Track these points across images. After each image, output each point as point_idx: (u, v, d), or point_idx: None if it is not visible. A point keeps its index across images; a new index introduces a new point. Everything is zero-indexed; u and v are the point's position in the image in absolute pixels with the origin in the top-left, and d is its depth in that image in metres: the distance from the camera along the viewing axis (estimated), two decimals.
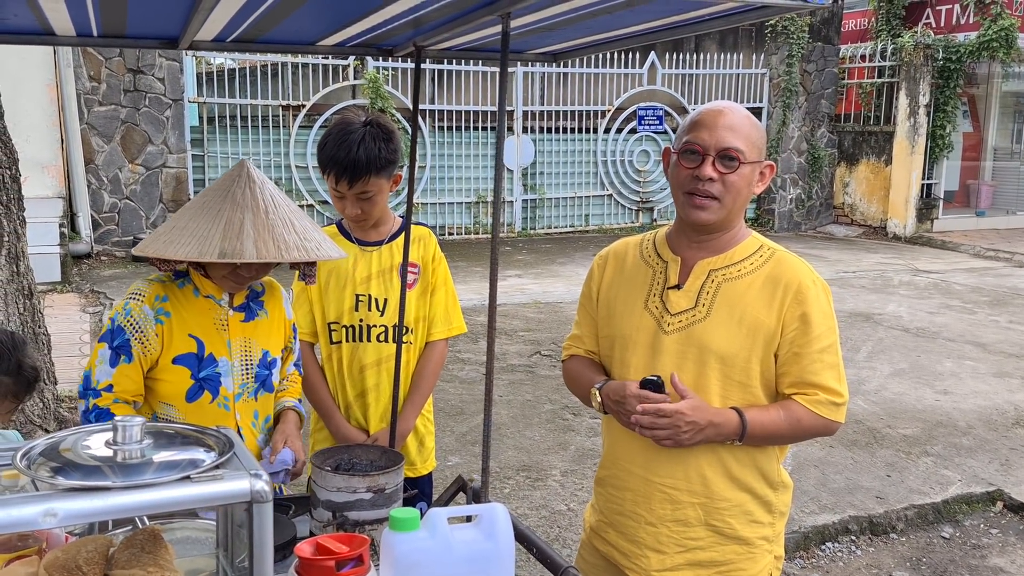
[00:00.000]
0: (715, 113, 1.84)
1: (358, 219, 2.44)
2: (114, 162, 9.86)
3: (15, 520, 1.09)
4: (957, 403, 5.77)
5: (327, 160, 2.35)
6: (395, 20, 1.85)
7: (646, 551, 1.91)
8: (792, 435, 1.85)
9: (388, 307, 2.47)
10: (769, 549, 1.92)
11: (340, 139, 2.32)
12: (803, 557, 3.88)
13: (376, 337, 2.48)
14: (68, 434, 1.30)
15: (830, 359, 1.83)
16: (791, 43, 13.20)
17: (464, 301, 8.12)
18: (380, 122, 2.38)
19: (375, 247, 2.50)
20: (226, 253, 1.82)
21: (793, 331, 1.81)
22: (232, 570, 1.36)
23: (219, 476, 1.19)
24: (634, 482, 1.91)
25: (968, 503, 4.35)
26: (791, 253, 1.92)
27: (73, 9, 1.71)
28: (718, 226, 1.87)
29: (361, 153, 2.30)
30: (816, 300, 1.83)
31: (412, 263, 2.49)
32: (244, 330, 2.12)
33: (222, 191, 1.95)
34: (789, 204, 13.83)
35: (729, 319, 1.83)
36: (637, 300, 1.93)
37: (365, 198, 2.38)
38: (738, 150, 1.80)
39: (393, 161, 2.38)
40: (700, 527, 1.87)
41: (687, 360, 1.84)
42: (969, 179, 14.77)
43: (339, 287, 2.48)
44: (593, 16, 1.69)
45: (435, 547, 1.45)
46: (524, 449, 4.81)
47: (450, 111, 11.81)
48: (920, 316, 8.23)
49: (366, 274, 2.48)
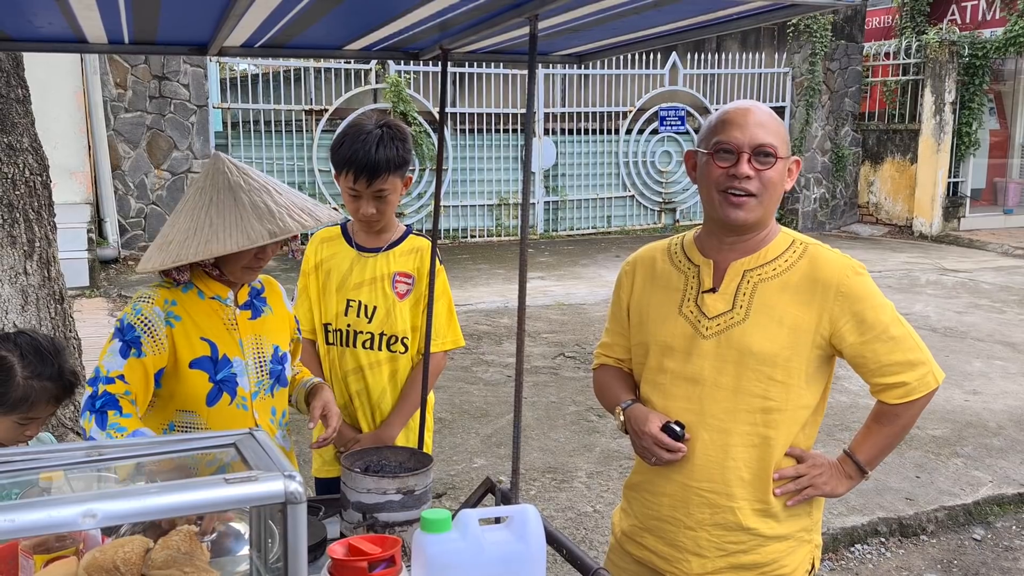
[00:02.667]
0: (743, 111, 1.83)
1: (372, 220, 2.46)
2: (140, 168, 9.97)
3: (55, 521, 1.10)
4: (987, 403, 5.70)
5: (345, 160, 2.39)
6: (422, 24, 1.85)
7: (687, 555, 1.90)
8: (903, 433, 1.91)
9: (376, 315, 2.51)
10: (808, 539, 1.93)
11: (356, 139, 2.38)
12: (832, 559, 3.85)
13: (362, 344, 2.53)
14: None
15: (896, 332, 1.82)
16: (814, 41, 13.10)
17: (487, 303, 8.19)
18: (394, 124, 2.44)
19: (373, 254, 2.54)
20: (275, 232, 1.90)
21: (849, 331, 1.81)
22: (266, 570, 1.37)
23: (254, 477, 1.20)
24: (671, 487, 1.91)
25: (999, 504, 4.30)
26: (823, 246, 1.90)
27: (106, 17, 1.73)
28: (754, 225, 1.86)
29: (381, 153, 2.36)
30: (859, 290, 1.82)
31: (406, 273, 2.53)
32: (253, 328, 2.13)
33: (216, 185, 1.96)
34: (813, 204, 13.72)
35: (769, 320, 1.82)
36: (671, 306, 1.92)
37: (381, 197, 2.42)
38: (773, 146, 1.80)
39: (408, 161, 2.45)
40: (740, 531, 1.87)
41: (727, 363, 1.84)
42: (996, 177, 14.58)
43: (333, 289, 2.54)
44: (621, 16, 1.69)
45: (467, 548, 1.45)
46: (549, 451, 4.80)
47: (472, 114, 11.82)
48: (948, 316, 8.14)
49: (359, 280, 2.52)
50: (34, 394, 1.93)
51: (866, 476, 1.91)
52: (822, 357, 1.86)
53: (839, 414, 5.41)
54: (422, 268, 2.53)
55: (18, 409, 1.93)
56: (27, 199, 3.86)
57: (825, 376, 1.90)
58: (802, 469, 1.87)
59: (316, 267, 2.58)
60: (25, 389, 1.92)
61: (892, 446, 1.92)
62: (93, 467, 1.34)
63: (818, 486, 1.87)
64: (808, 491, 1.87)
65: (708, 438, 1.85)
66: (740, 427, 1.84)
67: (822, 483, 1.87)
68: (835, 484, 1.88)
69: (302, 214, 1.98)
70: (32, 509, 1.09)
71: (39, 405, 1.95)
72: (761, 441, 1.84)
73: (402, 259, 2.54)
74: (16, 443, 1.96)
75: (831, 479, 1.88)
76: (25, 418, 1.95)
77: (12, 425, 1.95)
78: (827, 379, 1.91)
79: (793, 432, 1.87)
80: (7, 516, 1.06)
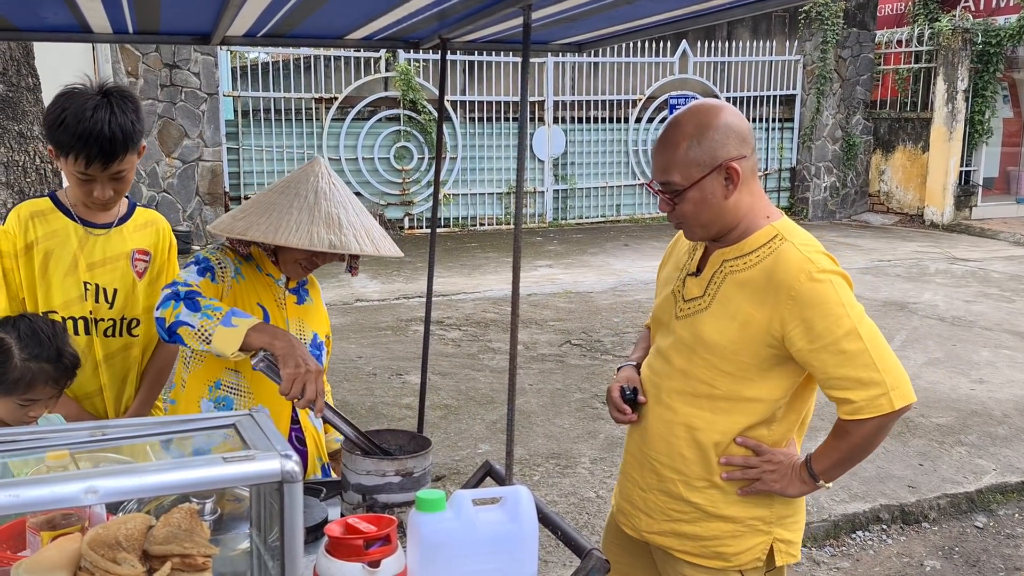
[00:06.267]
0: (658, 142, 1.85)
1: (108, 203, 2.19)
2: (151, 156, 10.03)
3: (58, 497, 1.14)
4: (993, 392, 5.70)
5: (71, 140, 2.02)
6: (420, 13, 1.88)
7: (638, 512, 2.01)
8: (859, 450, 1.81)
9: (117, 298, 2.27)
10: (766, 530, 1.90)
11: (81, 115, 2.01)
12: (833, 545, 3.87)
13: (103, 332, 2.27)
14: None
15: (850, 346, 1.70)
16: (825, 29, 13.02)
17: (495, 291, 8.22)
18: (119, 89, 2.11)
19: (104, 230, 2.26)
20: (336, 245, 1.99)
21: (798, 336, 1.74)
22: (265, 548, 1.40)
23: (251, 456, 1.24)
24: (633, 447, 2.03)
25: (1002, 493, 4.31)
26: (798, 247, 1.78)
27: (109, 7, 1.77)
28: (715, 234, 1.86)
29: (115, 129, 2.02)
30: (811, 296, 1.72)
31: (144, 250, 2.32)
32: (298, 311, 2.23)
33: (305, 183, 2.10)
34: (823, 192, 13.67)
35: (724, 313, 1.82)
36: (671, 282, 2.00)
37: (119, 178, 2.13)
38: (669, 184, 1.81)
39: (143, 131, 2.13)
40: (682, 502, 1.92)
41: (684, 346, 1.89)
42: (1009, 165, 14.47)
43: (61, 273, 2.21)
44: (614, 7, 1.71)
45: (460, 528, 1.49)
46: (553, 437, 4.84)
47: (481, 102, 11.82)
48: (956, 305, 8.12)
49: (94, 260, 2.24)
50: (31, 375, 1.98)
51: (821, 485, 1.85)
52: (779, 356, 1.79)
53: None
54: (159, 244, 2.37)
55: (17, 390, 1.98)
56: (38, 187, 3.91)
57: (792, 374, 1.82)
58: (753, 461, 1.85)
59: (28, 247, 2.19)
60: (22, 370, 1.97)
61: (849, 461, 1.84)
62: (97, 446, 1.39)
63: (767, 482, 1.85)
64: (757, 484, 1.86)
65: (659, 412, 1.94)
66: (685, 408, 1.88)
67: (772, 480, 1.84)
68: (786, 484, 1.84)
69: (367, 239, 2.06)
70: (36, 485, 1.13)
71: (38, 386, 2.00)
72: (705, 425, 1.86)
73: (137, 235, 2.32)
74: (20, 424, 2.01)
75: (783, 478, 1.84)
76: (26, 399, 2.00)
77: (14, 406, 2.00)
78: (795, 378, 1.83)
79: (744, 423, 1.85)
80: (12, 492, 1.11)
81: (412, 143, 11.47)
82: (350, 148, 11.22)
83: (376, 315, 7.48)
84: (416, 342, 6.59)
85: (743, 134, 1.79)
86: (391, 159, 11.41)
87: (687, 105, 1.87)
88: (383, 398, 5.38)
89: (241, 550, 1.54)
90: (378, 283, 8.64)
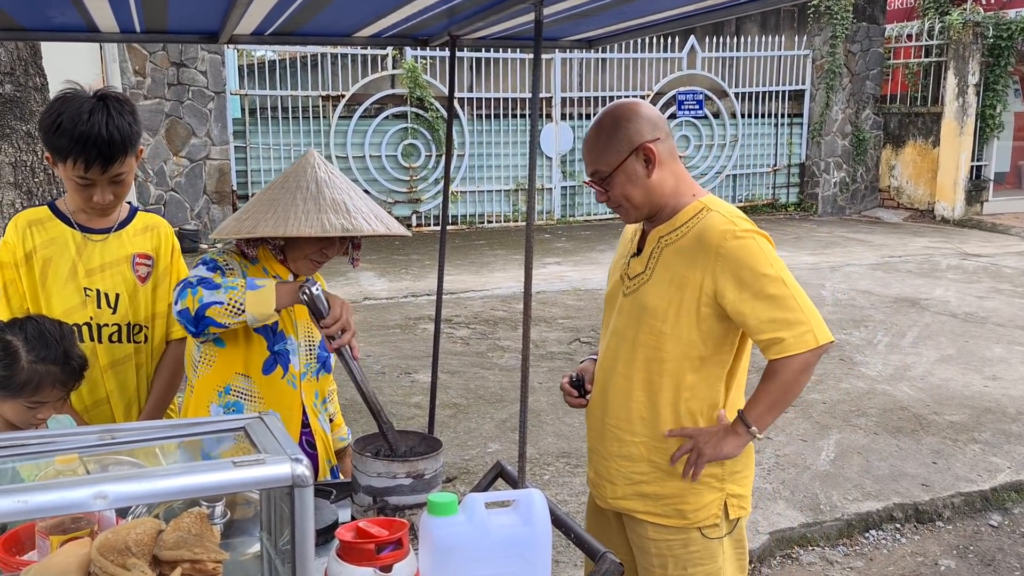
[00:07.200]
0: (583, 143, 2.05)
1: (108, 207, 2.19)
2: (159, 155, 10.05)
3: (67, 502, 1.13)
4: (1006, 389, 5.65)
5: (69, 145, 2.02)
6: (429, 10, 1.86)
7: (604, 481, 2.16)
8: (787, 389, 1.95)
9: (120, 303, 2.25)
10: (719, 487, 2.05)
11: (78, 118, 2.01)
12: (846, 544, 3.84)
13: (109, 337, 2.25)
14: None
15: (775, 291, 1.87)
16: (834, 23, 12.94)
17: (503, 289, 8.19)
18: (114, 94, 2.12)
19: (103, 235, 2.25)
20: (348, 229, 1.98)
21: (728, 288, 1.91)
22: (276, 552, 1.39)
23: (262, 460, 1.23)
24: (595, 423, 2.18)
25: (1017, 491, 4.27)
26: (723, 213, 1.97)
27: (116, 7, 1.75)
28: (648, 214, 2.05)
29: (113, 132, 2.03)
30: (736, 252, 1.90)
31: (145, 254, 2.30)
32: (306, 313, 2.17)
33: (304, 176, 2.09)
34: (833, 188, 13.60)
35: (663, 279, 2.00)
36: (618, 268, 2.17)
37: (118, 181, 2.13)
38: (596, 172, 2.01)
39: (140, 134, 2.15)
40: (643, 463, 2.08)
41: (632, 317, 2.05)
42: (1021, 160, 14.36)
43: (61, 280, 2.21)
44: (625, 2, 1.68)
45: (472, 531, 1.47)
46: (563, 436, 4.82)
47: (489, 99, 11.80)
48: (968, 301, 8.06)
49: (93, 266, 2.23)
50: (39, 378, 1.97)
51: (753, 435, 1.99)
52: (715, 315, 1.96)
53: (855, 400, 5.39)
54: (161, 248, 2.34)
55: (24, 392, 1.97)
56: (46, 186, 3.91)
57: (727, 332, 1.99)
58: (690, 432, 2.03)
59: (28, 256, 2.20)
60: (30, 373, 1.96)
61: (778, 405, 1.98)
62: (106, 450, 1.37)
63: (703, 452, 2.00)
64: (699, 460, 2.01)
65: (618, 384, 2.09)
66: (639, 374, 2.05)
67: (708, 448, 2.00)
68: (719, 444, 1.99)
69: (376, 220, 2.06)
70: (44, 491, 1.12)
71: (45, 389, 1.99)
72: (657, 387, 2.04)
73: (137, 239, 2.30)
74: (29, 426, 2.00)
75: (717, 441, 1.99)
76: (33, 401, 1.99)
77: (22, 409, 1.99)
78: (732, 337, 2.01)
79: (686, 379, 2.02)
80: (21, 497, 1.09)
81: (419, 140, 11.46)
82: (357, 146, 11.22)
83: (384, 313, 7.47)
84: (425, 340, 6.57)
85: (654, 120, 2.00)
86: (398, 156, 11.41)
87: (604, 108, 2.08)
88: (392, 397, 5.37)
89: (252, 554, 1.53)
90: (386, 281, 8.64)
